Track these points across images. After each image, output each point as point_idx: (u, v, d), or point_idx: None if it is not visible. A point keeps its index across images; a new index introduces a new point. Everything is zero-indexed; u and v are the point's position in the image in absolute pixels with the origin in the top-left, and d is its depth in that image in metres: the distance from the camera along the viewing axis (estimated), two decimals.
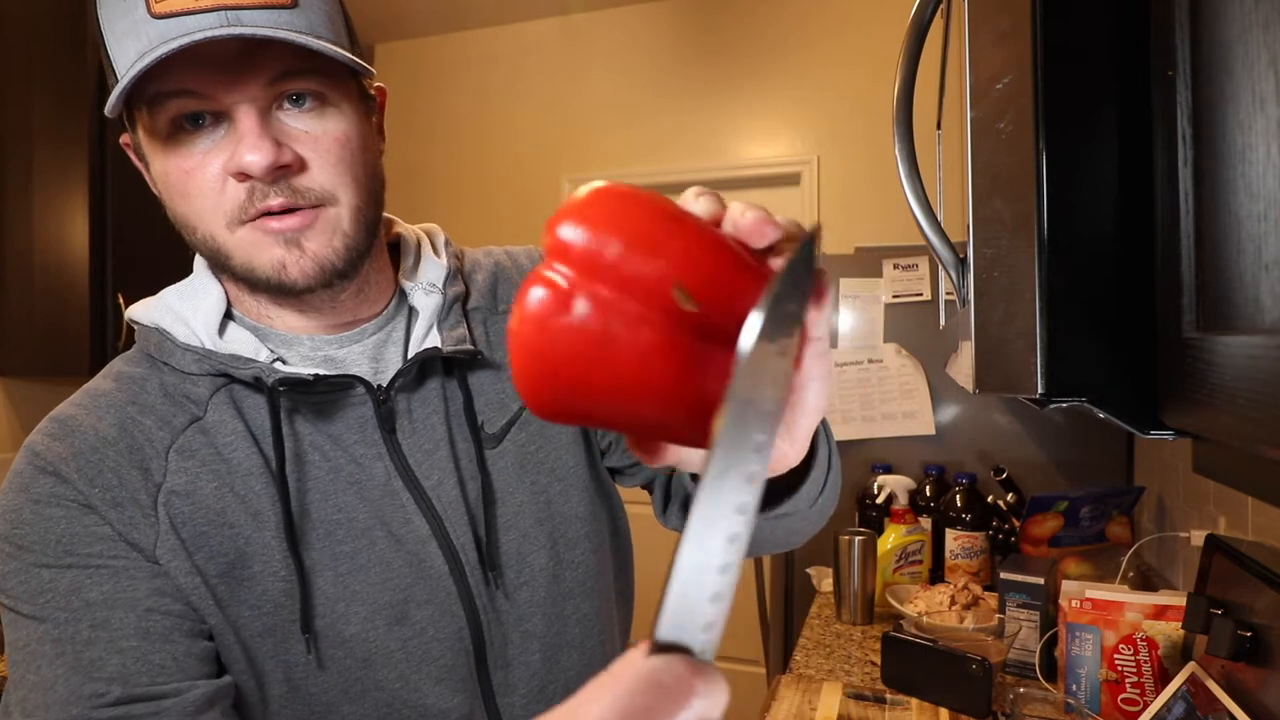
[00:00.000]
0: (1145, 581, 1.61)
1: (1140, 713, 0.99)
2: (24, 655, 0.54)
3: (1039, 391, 0.52)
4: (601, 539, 0.73)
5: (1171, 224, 0.43)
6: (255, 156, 0.52)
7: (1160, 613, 1.06)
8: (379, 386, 0.63)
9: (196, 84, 0.52)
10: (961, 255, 0.65)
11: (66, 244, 1.91)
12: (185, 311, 0.61)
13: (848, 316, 2.10)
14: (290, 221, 0.55)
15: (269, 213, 0.55)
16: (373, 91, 0.63)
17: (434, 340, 0.65)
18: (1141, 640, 1.07)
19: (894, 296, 2.06)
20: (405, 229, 0.72)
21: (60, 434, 0.57)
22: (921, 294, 2.03)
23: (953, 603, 1.46)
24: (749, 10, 3.16)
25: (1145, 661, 1.06)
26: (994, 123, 0.57)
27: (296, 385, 0.59)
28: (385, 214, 0.67)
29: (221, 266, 0.59)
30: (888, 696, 1.25)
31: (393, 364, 0.66)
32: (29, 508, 0.55)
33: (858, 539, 1.61)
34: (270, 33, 0.50)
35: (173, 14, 0.50)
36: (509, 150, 3.47)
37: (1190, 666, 0.89)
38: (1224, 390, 0.36)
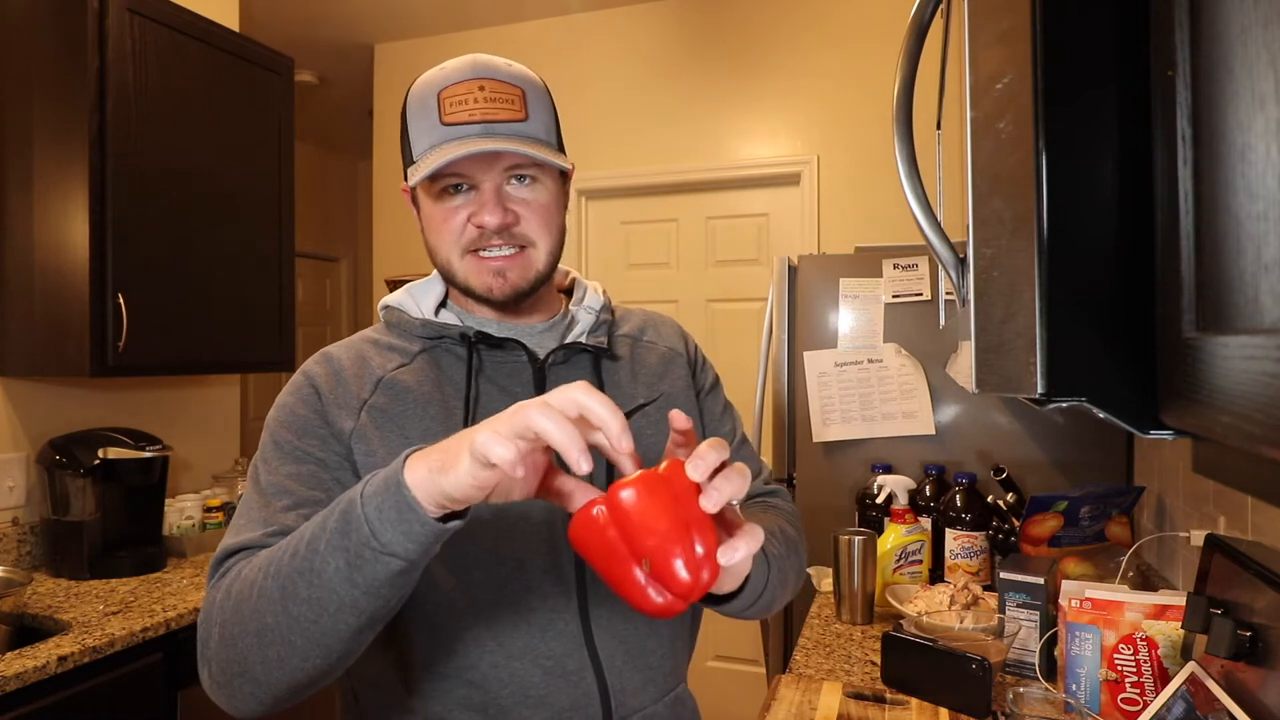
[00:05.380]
0: (1145, 581, 1.61)
1: (1140, 712, 0.99)
2: (245, 501, 0.83)
3: (1039, 391, 0.52)
4: None
5: (1171, 224, 0.43)
6: (492, 218, 0.84)
7: (1160, 612, 1.06)
8: (536, 355, 0.90)
9: (463, 169, 0.84)
10: (961, 255, 0.65)
11: (66, 244, 1.91)
12: (419, 298, 0.93)
13: (848, 316, 2.10)
14: (498, 261, 0.86)
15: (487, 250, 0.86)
16: (568, 170, 0.92)
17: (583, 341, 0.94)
18: (1141, 640, 1.07)
19: (894, 296, 2.06)
20: (581, 278, 1.03)
21: (321, 360, 0.88)
22: (921, 294, 2.03)
23: (953, 602, 1.46)
24: (749, 10, 3.17)
25: (1145, 661, 1.06)
26: (994, 123, 0.57)
27: (485, 341, 0.89)
28: (568, 268, 1.01)
29: (450, 280, 0.89)
30: (888, 696, 1.25)
31: (550, 349, 0.93)
32: (290, 407, 0.85)
33: (858, 539, 1.61)
34: (513, 148, 0.81)
35: (455, 124, 0.83)
36: None
37: (1190, 666, 0.89)
38: (1224, 390, 0.36)
